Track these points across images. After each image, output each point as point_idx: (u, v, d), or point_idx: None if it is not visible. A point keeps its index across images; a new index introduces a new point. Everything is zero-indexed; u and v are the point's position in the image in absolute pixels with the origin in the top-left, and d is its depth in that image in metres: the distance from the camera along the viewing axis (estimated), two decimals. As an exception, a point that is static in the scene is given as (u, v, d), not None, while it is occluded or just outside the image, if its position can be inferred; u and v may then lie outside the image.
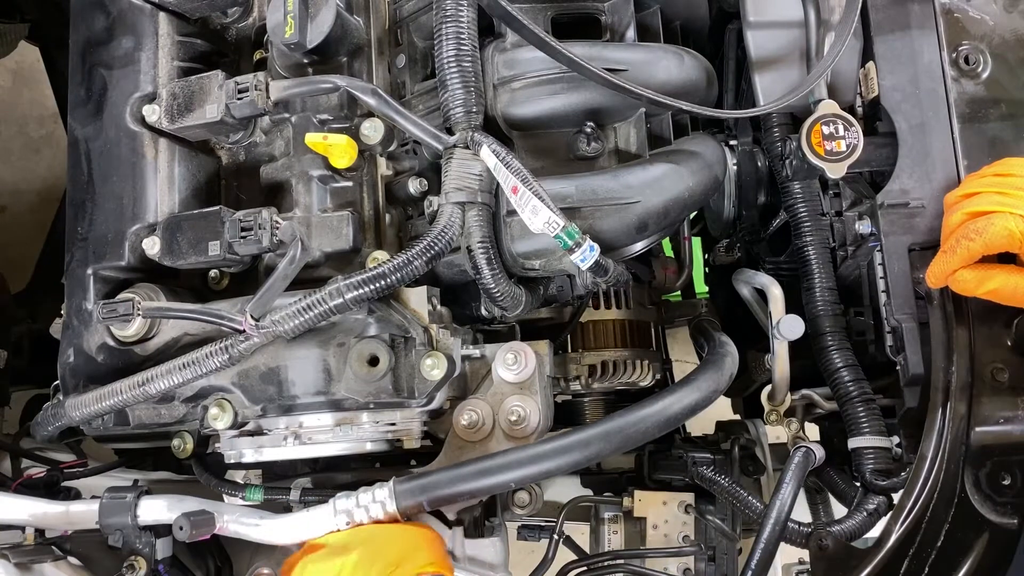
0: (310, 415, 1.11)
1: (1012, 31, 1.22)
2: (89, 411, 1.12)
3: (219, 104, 1.13)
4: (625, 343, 1.43)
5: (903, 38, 1.22)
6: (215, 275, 1.22)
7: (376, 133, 1.17)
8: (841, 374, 1.22)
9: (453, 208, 1.08)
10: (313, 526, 1.07)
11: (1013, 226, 1.00)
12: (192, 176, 1.22)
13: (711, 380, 1.13)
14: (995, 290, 1.04)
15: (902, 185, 1.19)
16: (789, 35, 1.27)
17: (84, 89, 1.22)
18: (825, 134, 1.17)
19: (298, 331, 1.04)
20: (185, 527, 1.05)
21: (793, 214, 1.30)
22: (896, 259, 1.18)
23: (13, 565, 1.10)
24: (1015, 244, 1.01)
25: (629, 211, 1.13)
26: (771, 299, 1.28)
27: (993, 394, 1.12)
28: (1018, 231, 1.00)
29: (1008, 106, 1.21)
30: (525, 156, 1.17)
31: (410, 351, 1.09)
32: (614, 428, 1.04)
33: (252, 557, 1.28)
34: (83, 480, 1.41)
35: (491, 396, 1.17)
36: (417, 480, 1.02)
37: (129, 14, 1.22)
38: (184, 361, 1.06)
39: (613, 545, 1.49)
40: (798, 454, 1.18)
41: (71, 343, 1.18)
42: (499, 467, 1.02)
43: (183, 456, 1.20)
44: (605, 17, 1.23)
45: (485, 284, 1.10)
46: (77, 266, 1.19)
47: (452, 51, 1.08)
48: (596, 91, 1.14)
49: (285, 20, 1.11)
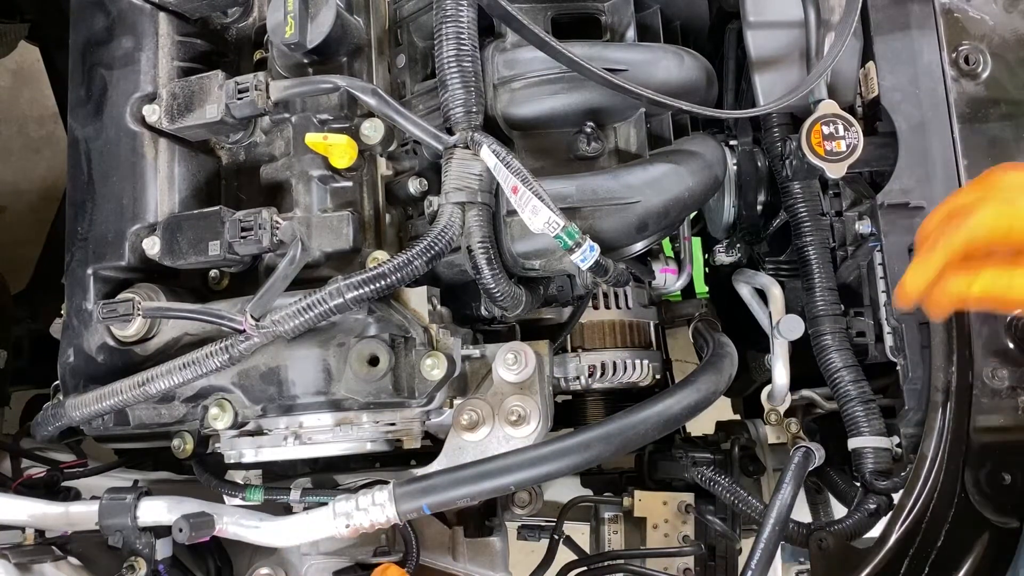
0: (310, 415, 1.11)
1: (1012, 31, 1.22)
2: (89, 411, 1.12)
3: (219, 104, 1.13)
4: (625, 343, 1.43)
5: (903, 38, 1.22)
6: (215, 275, 1.22)
7: (376, 133, 1.17)
8: (841, 374, 1.22)
9: (453, 208, 1.08)
10: (312, 529, 1.07)
11: (996, 214, 0.88)
12: (192, 176, 1.22)
13: (711, 381, 1.13)
14: (986, 291, 0.90)
15: (902, 185, 1.19)
16: (789, 35, 1.27)
17: (84, 89, 1.22)
18: (825, 134, 1.17)
19: (298, 331, 1.04)
20: (184, 529, 1.05)
21: (793, 214, 1.30)
22: (896, 259, 1.18)
23: (13, 565, 1.10)
24: (1000, 233, 0.89)
25: (629, 211, 1.12)
26: (771, 299, 1.28)
27: (993, 394, 1.13)
28: (1004, 218, 0.88)
29: (1008, 106, 1.21)
30: (525, 156, 1.16)
31: (410, 351, 1.09)
32: (614, 430, 1.04)
33: (252, 557, 1.28)
34: (83, 480, 1.41)
35: (491, 396, 1.17)
36: (416, 483, 1.02)
37: (129, 14, 1.22)
38: (184, 361, 1.06)
39: (613, 545, 1.49)
40: (798, 454, 1.18)
41: (71, 343, 1.18)
42: (499, 470, 1.02)
43: (183, 456, 1.20)
44: (605, 17, 1.23)
45: (485, 284, 1.10)
46: (77, 266, 1.19)
47: (452, 51, 1.08)
48: (596, 91, 1.14)
49: (285, 20, 1.11)
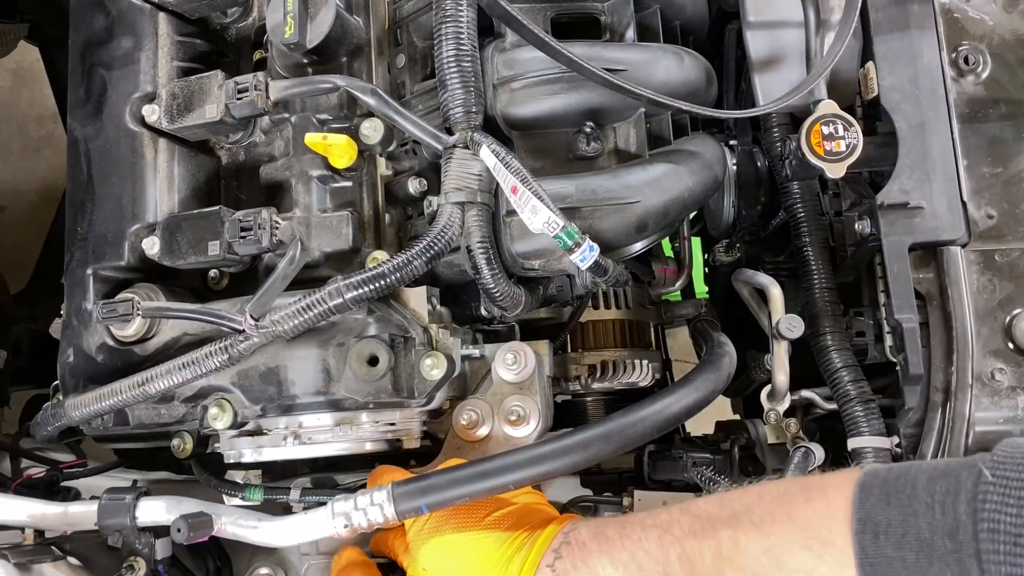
0: (310, 415, 1.11)
1: (1012, 31, 1.22)
2: (89, 411, 1.12)
3: (219, 104, 1.13)
4: (625, 343, 1.43)
5: (903, 38, 1.22)
6: (215, 275, 1.22)
7: (376, 133, 1.17)
8: (841, 374, 1.22)
9: (453, 208, 1.08)
10: (311, 529, 1.07)
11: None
12: (192, 176, 1.22)
13: (710, 380, 1.13)
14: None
15: (902, 185, 1.19)
16: (789, 35, 1.27)
17: (84, 89, 1.22)
18: (825, 134, 1.17)
19: (298, 331, 1.04)
20: (183, 529, 1.04)
21: (793, 214, 1.30)
22: (896, 259, 1.18)
23: (12, 565, 1.10)
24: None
25: (629, 211, 1.12)
26: (771, 299, 1.28)
27: (993, 394, 1.13)
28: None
29: (1008, 106, 1.21)
30: (525, 156, 1.17)
31: (410, 351, 1.09)
32: (613, 429, 1.04)
33: (252, 557, 1.28)
34: (83, 480, 1.41)
35: (491, 396, 1.17)
36: (415, 483, 1.02)
37: (129, 14, 1.22)
38: (184, 361, 1.05)
39: (613, 545, 1.48)
40: (798, 454, 1.18)
41: (71, 343, 1.18)
42: (498, 469, 1.01)
43: (183, 456, 1.20)
44: (605, 17, 1.23)
45: (485, 284, 1.10)
46: (77, 266, 1.19)
47: (452, 51, 1.08)
48: (596, 91, 1.14)
49: (285, 20, 1.11)
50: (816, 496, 0.85)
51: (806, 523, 0.83)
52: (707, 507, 0.94)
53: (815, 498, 0.85)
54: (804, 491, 0.87)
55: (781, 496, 0.88)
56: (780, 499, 0.88)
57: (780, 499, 0.88)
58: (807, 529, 0.83)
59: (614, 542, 0.96)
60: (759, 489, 0.92)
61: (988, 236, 1.18)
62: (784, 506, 0.86)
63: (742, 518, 0.88)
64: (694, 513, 0.93)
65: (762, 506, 0.88)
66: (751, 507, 0.89)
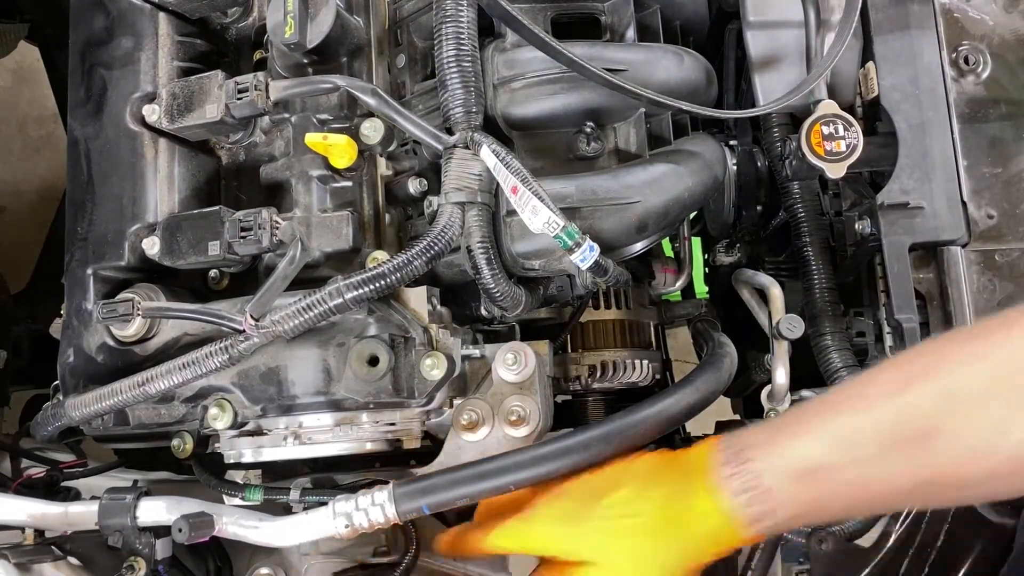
0: (310, 415, 1.11)
1: (1012, 31, 1.23)
2: (89, 411, 1.11)
3: (219, 104, 1.13)
4: (625, 343, 1.43)
5: (903, 38, 1.22)
6: (215, 275, 1.21)
7: (376, 133, 1.16)
8: (841, 374, 1.22)
9: (453, 208, 1.08)
10: (311, 529, 1.07)
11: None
12: (192, 176, 1.22)
13: (710, 381, 1.13)
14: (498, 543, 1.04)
15: (902, 185, 1.19)
16: (789, 35, 1.27)
17: (84, 89, 1.22)
18: (825, 134, 1.17)
19: (298, 331, 1.04)
20: (184, 529, 1.05)
21: (793, 214, 1.30)
22: (896, 259, 1.18)
23: (13, 565, 1.10)
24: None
25: (629, 211, 1.12)
26: (771, 299, 1.28)
27: (993, 394, 1.12)
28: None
29: (1008, 106, 1.21)
30: (525, 156, 1.16)
31: (410, 351, 1.09)
32: (614, 430, 1.04)
33: (252, 557, 1.28)
34: (83, 480, 1.41)
35: (491, 396, 1.17)
36: (416, 483, 1.02)
37: (129, 14, 1.22)
38: (184, 361, 1.05)
39: (613, 545, 1.48)
40: (798, 454, 1.17)
41: (71, 343, 1.18)
42: (499, 470, 1.02)
43: (183, 456, 1.20)
44: (605, 17, 1.23)
45: (485, 284, 1.10)
46: (77, 266, 1.18)
47: (452, 51, 1.08)
48: (596, 91, 1.14)
49: (285, 20, 1.11)
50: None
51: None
52: (878, 376, 0.87)
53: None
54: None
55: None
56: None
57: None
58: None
59: (788, 429, 0.89)
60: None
61: (988, 236, 1.19)
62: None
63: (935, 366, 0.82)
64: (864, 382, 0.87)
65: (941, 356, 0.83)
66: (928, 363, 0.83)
